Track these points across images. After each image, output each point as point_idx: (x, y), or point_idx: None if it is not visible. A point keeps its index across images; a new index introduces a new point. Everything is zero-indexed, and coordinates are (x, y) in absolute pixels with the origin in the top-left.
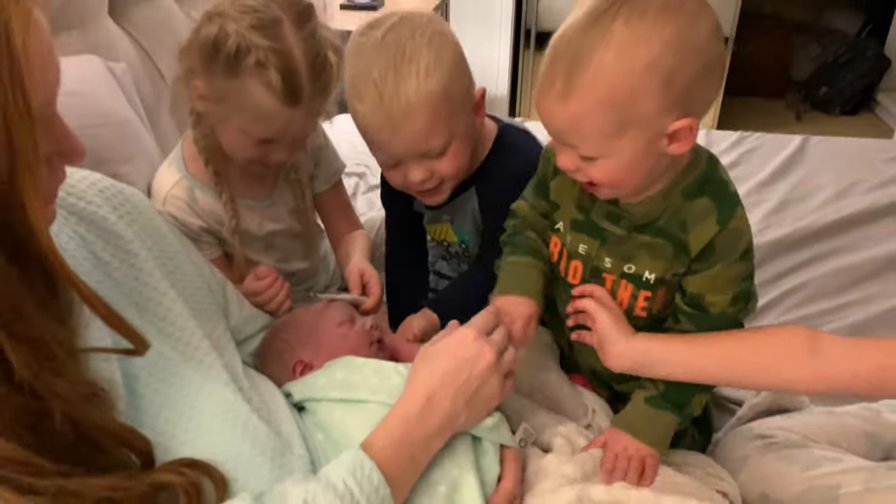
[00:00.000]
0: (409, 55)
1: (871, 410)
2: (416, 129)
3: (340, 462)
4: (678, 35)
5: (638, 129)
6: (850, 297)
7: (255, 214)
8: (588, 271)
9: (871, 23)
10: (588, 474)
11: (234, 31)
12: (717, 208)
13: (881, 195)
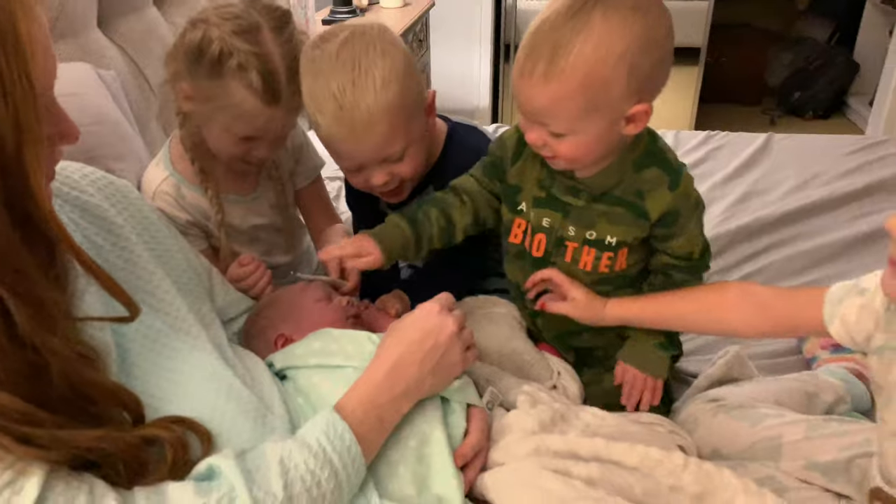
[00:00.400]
0: (365, 68)
1: (810, 374)
2: (376, 137)
3: (315, 423)
4: (644, 32)
5: (604, 110)
6: (808, 279)
7: (239, 208)
8: (552, 242)
9: (840, 30)
10: (546, 424)
11: (217, 37)
12: (668, 176)
13: (841, 185)
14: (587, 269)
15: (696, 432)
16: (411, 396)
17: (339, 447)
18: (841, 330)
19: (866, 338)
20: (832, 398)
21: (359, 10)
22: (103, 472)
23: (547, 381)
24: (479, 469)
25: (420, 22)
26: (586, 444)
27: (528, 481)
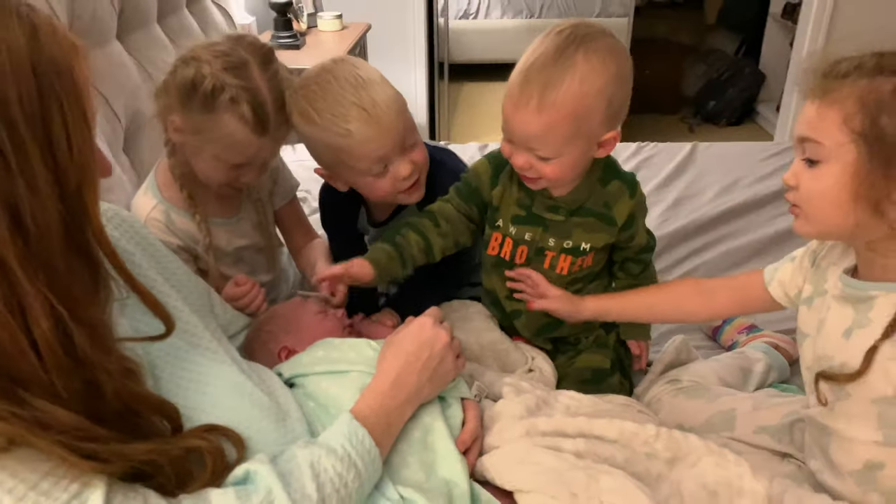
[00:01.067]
0: (365, 77)
1: (740, 353)
2: (399, 124)
3: (336, 429)
4: (617, 69)
5: (584, 137)
6: (738, 273)
7: (224, 231)
8: (533, 252)
9: (746, 43)
10: (532, 409)
11: (209, 73)
12: (627, 186)
13: (760, 188)
14: (563, 272)
15: (661, 411)
16: (413, 402)
17: (361, 451)
18: (778, 289)
19: (798, 292)
20: (762, 368)
21: (299, 35)
22: (155, 483)
23: (522, 365)
24: (478, 453)
25: (358, 45)
26: (570, 422)
27: (524, 458)
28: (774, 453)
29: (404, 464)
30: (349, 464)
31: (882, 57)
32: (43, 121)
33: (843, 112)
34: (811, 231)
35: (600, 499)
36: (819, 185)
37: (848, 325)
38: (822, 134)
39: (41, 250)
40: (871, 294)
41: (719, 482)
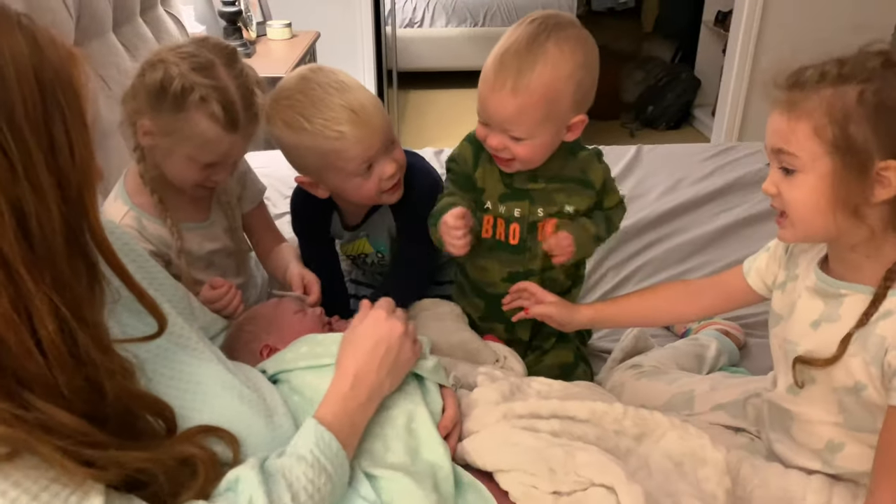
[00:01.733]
0: (346, 82)
1: (693, 340)
2: (383, 122)
3: (304, 436)
4: (584, 57)
5: (555, 119)
6: (686, 266)
7: (195, 236)
8: (525, 229)
9: (681, 50)
10: (506, 395)
11: (177, 74)
12: (595, 155)
13: (702, 187)
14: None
15: (624, 394)
16: (375, 399)
17: (329, 455)
18: (756, 278)
19: (773, 279)
20: (714, 353)
21: (249, 43)
22: (149, 492)
23: (492, 363)
24: (458, 438)
25: (308, 53)
26: (544, 405)
27: (503, 440)
28: (729, 428)
29: (389, 448)
30: (319, 469)
31: (843, 65)
32: (46, 126)
33: (812, 123)
34: (796, 236)
35: (577, 472)
36: (798, 193)
37: (816, 317)
38: (796, 146)
39: (45, 253)
40: (841, 292)
41: (683, 453)
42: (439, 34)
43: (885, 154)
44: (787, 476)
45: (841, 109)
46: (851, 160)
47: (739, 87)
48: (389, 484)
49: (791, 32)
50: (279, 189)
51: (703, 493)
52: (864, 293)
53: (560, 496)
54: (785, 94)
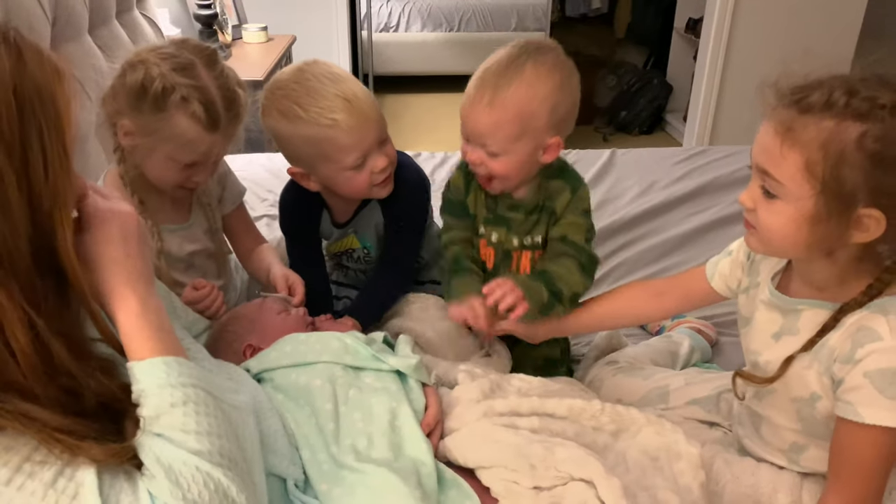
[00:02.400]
0: (341, 74)
1: (667, 337)
2: (377, 115)
3: (149, 381)
4: (561, 81)
5: (530, 137)
6: (659, 267)
7: (176, 237)
8: (499, 256)
9: (653, 56)
10: (487, 392)
11: (158, 74)
12: (570, 186)
13: (674, 190)
14: (527, 271)
15: (602, 390)
16: (152, 284)
17: (182, 375)
18: (720, 282)
19: (737, 283)
20: (687, 350)
21: (224, 47)
22: None
23: (477, 351)
24: (440, 436)
25: (284, 57)
26: (524, 402)
27: (485, 437)
28: (703, 422)
29: (373, 444)
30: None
31: (853, 94)
32: (21, 146)
33: (805, 156)
34: (764, 251)
35: (556, 468)
36: (775, 220)
37: (776, 329)
38: (783, 173)
39: (13, 269)
40: (798, 308)
41: (659, 448)
42: (415, 39)
43: (869, 201)
44: (759, 472)
45: (838, 149)
46: (837, 203)
47: (710, 92)
48: (374, 479)
49: (761, 39)
50: (257, 192)
51: (679, 487)
52: (821, 308)
53: (541, 491)
54: (784, 113)
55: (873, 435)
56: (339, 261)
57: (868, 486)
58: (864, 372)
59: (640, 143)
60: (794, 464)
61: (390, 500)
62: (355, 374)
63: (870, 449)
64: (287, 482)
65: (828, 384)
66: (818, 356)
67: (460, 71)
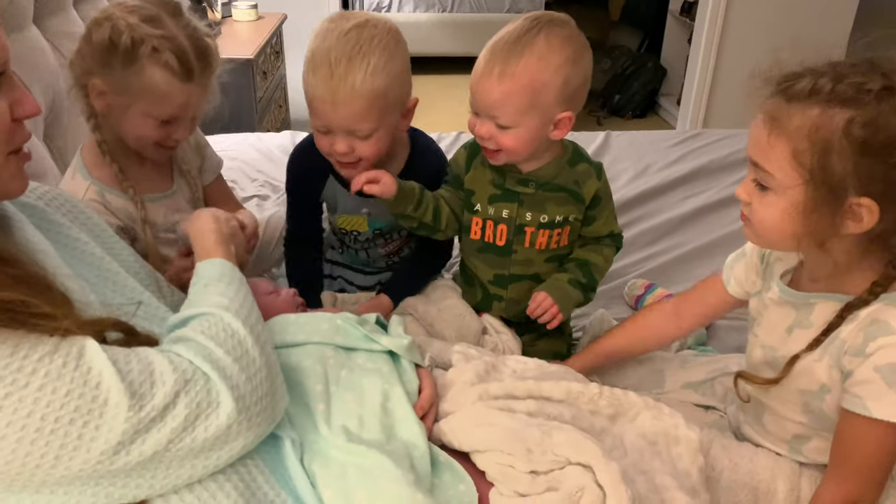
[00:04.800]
0: (363, 52)
1: None
2: (352, 111)
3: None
4: (573, 54)
5: (540, 111)
6: (654, 249)
7: (160, 207)
8: (512, 231)
9: (647, 38)
10: (482, 375)
11: (125, 27)
12: (594, 169)
13: (669, 173)
14: (542, 248)
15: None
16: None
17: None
18: (736, 287)
19: (752, 286)
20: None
21: (214, 24)
22: None
23: (478, 331)
24: (434, 418)
25: (275, 35)
26: (520, 385)
27: (480, 420)
28: (698, 406)
29: (365, 427)
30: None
31: (840, 79)
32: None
33: (792, 146)
34: (759, 243)
35: (553, 452)
36: (768, 213)
37: (789, 323)
38: (772, 164)
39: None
40: (809, 301)
41: (657, 432)
42: (407, 19)
43: (860, 190)
44: (757, 459)
45: (824, 137)
46: (826, 193)
47: (704, 76)
48: (365, 461)
49: (756, 22)
50: (247, 172)
51: (677, 471)
52: (831, 300)
53: (537, 475)
54: (771, 102)
55: (880, 429)
56: (341, 239)
57: (870, 479)
58: (874, 366)
59: (633, 126)
60: (795, 453)
61: (382, 482)
62: (347, 355)
63: (875, 443)
64: (284, 441)
65: (837, 377)
66: (829, 349)
67: (453, 52)
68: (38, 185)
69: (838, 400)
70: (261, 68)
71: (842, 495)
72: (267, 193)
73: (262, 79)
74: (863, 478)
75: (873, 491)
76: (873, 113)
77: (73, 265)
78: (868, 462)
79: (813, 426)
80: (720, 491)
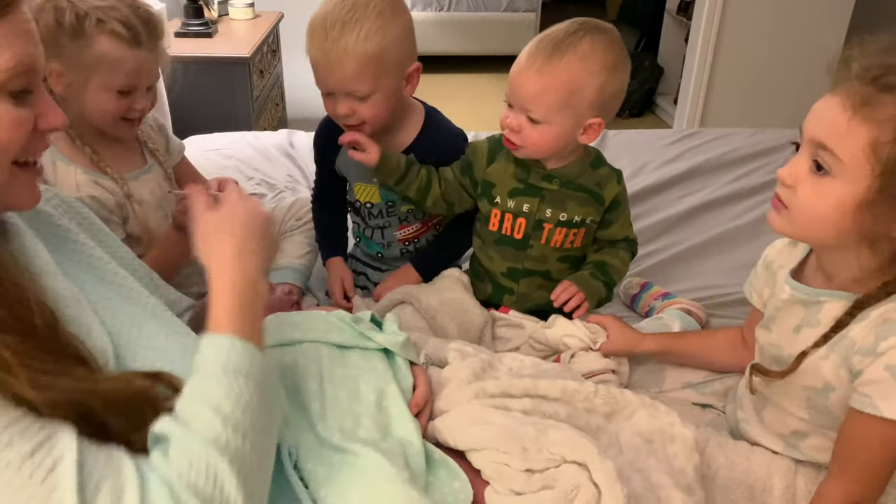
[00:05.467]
0: (357, 17)
1: (658, 319)
2: (344, 73)
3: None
4: (614, 60)
5: (573, 111)
6: (653, 247)
7: (142, 183)
8: (531, 225)
9: (645, 38)
10: (478, 373)
11: (67, 5)
12: (615, 174)
13: (666, 171)
14: (557, 246)
15: None
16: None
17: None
18: (756, 299)
19: (766, 296)
20: (678, 330)
21: (210, 23)
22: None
23: (481, 323)
24: (428, 416)
25: (271, 34)
26: (516, 383)
27: (476, 418)
28: (696, 405)
29: (360, 425)
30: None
31: None
32: None
33: (874, 133)
34: (790, 233)
35: (549, 450)
36: (820, 200)
37: (798, 322)
38: (844, 148)
39: None
40: (820, 299)
41: (653, 431)
42: None
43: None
44: (753, 457)
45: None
46: (891, 188)
47: (701, 75)
48: (360, 459)
49: (753, 22)
50: (243, 171)
51: (673, 469)
52: (842, 300)
53: (533, 473)
54: (860, 87)
55: (887, 429)
56: (361, 215)
57: (874, 480)
58: (885, 365)
59: (630, 125)
60: (792, 449)
61: (377, 481)
62: (341, 354)
63: (881, 443)
64: (282, 448)
65: (844, 376)
66: (836, 347)
67: (450, 51)
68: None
69: (843, 398)
70: (257, 67)
71: (844, 495)
72: (263, 192)
73: (258, 77)
74: (866, 478)
75: (876, 491)
76: None
77: (71, 272)
78: (873, 462)
79: (814, 423)
80: (716, 489)
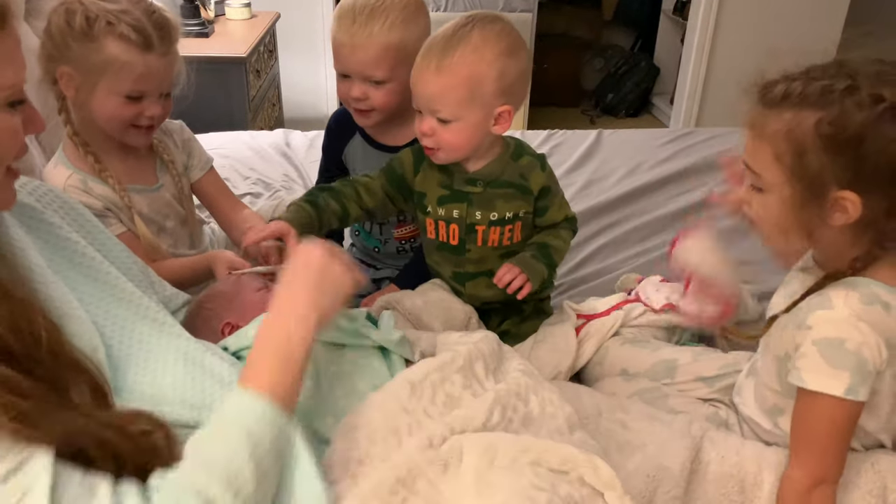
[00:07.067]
0: (385, 7)
1: None
2: (367, 55)
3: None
4: (508, 48)
5: (479, 103)
6: (645, 246)
7: (145, 198)
8: (463, 230)
9: (641, 38)
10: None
11: (78, 9)
12: (539, 161)
13: (660, 171)
14: (495, 245)
15: (607, 358)
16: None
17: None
18: None
19: None
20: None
21: (207, 23)
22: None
23: (464, 319)
24: None
25: (268, 34)
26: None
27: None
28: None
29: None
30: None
31: (809, 83)
32: None
33: (773, 148)
34: (764, 241)
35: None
36: (763, 212)
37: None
38: (760, 167)
39: None
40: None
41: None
42: None
43: (841, 184)
44: (743, 451)
45: (798, 137)
46: (808, 189)
47: (697, 75)
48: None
49: (748, 22)
50: (239, 171)
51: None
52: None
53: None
54: (752, 110)
55: (822, 404)
56: None
57: (828, 455)
58: (812, 339)
59: (626, 125)
60: (776, 427)
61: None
62: (337, 352)
63: (824, 418)
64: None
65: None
66: (794, 318)
67: None
68: (29, 179)
69: None
70: (254, 67)
71: (806, 475)
72: (260, 191)
73: (255, 77)
74: (818, 456)
75: (834, 466)
76: (838, 111)
77: (62, 271)
78: (821, 438)
79: (784, 395)
80: (707, 483)
